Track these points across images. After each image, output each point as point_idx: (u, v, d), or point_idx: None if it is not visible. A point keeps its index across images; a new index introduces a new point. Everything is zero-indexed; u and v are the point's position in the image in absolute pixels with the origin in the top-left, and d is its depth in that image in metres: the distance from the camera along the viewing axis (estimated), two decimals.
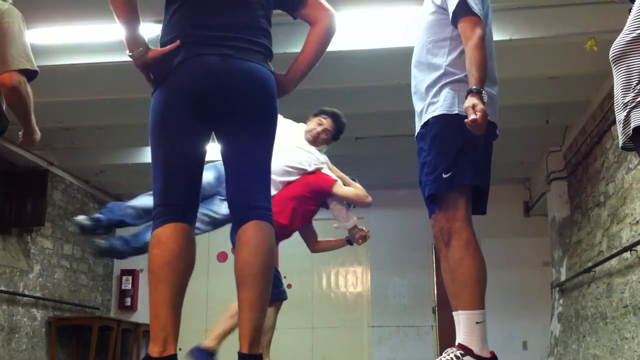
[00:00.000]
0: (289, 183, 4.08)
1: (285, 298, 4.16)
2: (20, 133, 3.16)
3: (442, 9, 2.60)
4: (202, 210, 3.82)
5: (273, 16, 2.29)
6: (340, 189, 4.12)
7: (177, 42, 2.08)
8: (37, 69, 2.96)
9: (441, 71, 2.56)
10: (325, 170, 4.20)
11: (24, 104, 2.94)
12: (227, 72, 2.07)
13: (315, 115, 4.25)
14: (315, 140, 4.16)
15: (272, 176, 4.09)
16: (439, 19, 2.62)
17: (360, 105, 6.55)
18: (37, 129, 3.23)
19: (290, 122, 4.32)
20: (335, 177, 4.17)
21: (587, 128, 6.74)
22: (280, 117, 4.22)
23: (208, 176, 4.02)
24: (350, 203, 4.23)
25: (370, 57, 5.42)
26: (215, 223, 4.02)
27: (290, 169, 4.10)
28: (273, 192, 4.08)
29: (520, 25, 5.03)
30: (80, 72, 5.69)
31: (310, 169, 4.11)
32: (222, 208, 4.00)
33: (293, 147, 4.17)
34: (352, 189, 4.18)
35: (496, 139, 2.66)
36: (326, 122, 4.19)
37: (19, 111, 2.99)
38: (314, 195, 4.12)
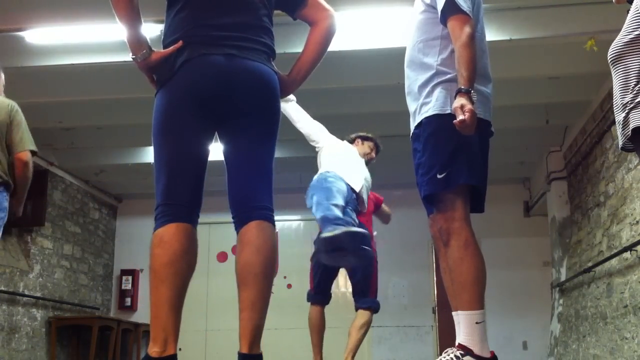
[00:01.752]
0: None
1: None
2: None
3: (432, 7, 2.60)
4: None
5: (273, 16, 2.29)
6: (385, 205, 4.97)
7: (180, 43, 2.08)
8: (37, 149, 3.95)
9: (433, 71, 2.55)
10: None
11: (28, 176, 3.86)
12: (232, 72, 2.07)
13: (366, 140, 4.81)
14: (368, 163, 4.76)
15: (367, 189, 4.49)
16: (429, 18, 2.62)
17: (360, 105, 6.55)
18: (22, 203, 4.00)
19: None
20: None
21: (587, 128, 6.74)
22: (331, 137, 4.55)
23: (343, 186, 4.21)
24: (383, 219, 5.16)
25: (370, 57, 5.42)
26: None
27: (369, 185, 4.64)
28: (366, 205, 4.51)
29: (520, 25, 5.03)
30: (80, 72, 5.70)
31: None
32: (354, 216, 4.26)
33: (362, 163, 4.65)
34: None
35: (492, 136, 2.65)
36: (374, 151, 4.84)
37: (22, 182, 3.85)
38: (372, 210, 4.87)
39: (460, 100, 2.29)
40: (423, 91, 2.56)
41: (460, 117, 2.25)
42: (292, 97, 4.56)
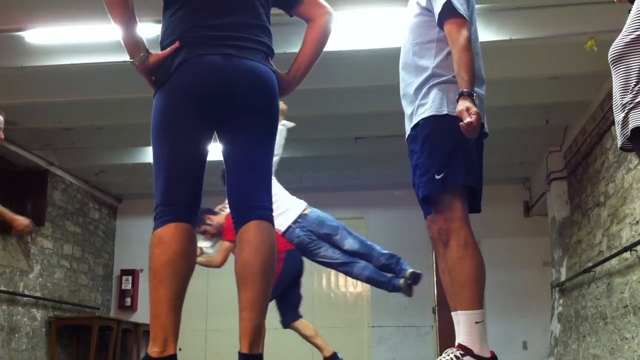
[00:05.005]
0: None
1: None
2: None
3: (427, 10, 2.60)
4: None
5: (272, 16, 2.29)
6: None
7: (177, 44, 2.07)
8: None
9: (429, 73, 2.56)
10: None
11: None
12: (229, 71, 2.07)
13: None
14: None
15: None
16: (424, 21, 2.63)
17: (360, 105, 6.55)
18: (14, 216, 4.63)
19: None
20: None
21: (587, 128, 6.74)
22: None
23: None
24: None
25: (370, 57, 5.42)
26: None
27: None
28: None
29: (520, 25, 5.03)
30: (80, 72, 5.69)
31: None
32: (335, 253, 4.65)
33: None
34: None
35: (486, 137, 2.66)
36: None
37: None
38: None
39: (465, 103, 2.30)
40: (419, 93, 2.57)
41: (467, 119, 2.26)
42: (291, 124, 4.80)
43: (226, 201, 5.28)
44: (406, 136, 2.69)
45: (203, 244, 5.01)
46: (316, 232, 4.63)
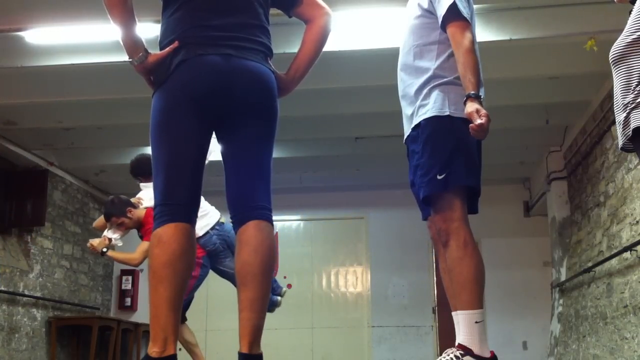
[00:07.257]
0: None
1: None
2: None
3: (429, 12, 2.62)
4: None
5: (272, 16, 2.30)
6: None
7: (176, 43, 2.08)
8: None
9: (429, 74, 2.58)
10: None
11: None
12: (228, 72, 2.07)
13: None
14: None
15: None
16: (425, 23, 2.64)
17: (360, 105, 6.55)
18: None
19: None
20: None
21: (587, 128, 6.74)
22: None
23: None
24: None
25: (369, 57, 5.42)
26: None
27: None
28: None
29: (520, 25, 5.03)
30: (80, 72, 5.69)
31: None
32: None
33: None
34: None
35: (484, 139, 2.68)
36: None
37: None
38: None
39: (474, 105, 2.33)
40: (420, 94, 2.58)
41: (479, 121, 2.28)
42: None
43: (140, 194, 5.37)
44: (405, 136, 2.70)
45: (113, 235, 4.99)
46: (228, 242, 4.74)
